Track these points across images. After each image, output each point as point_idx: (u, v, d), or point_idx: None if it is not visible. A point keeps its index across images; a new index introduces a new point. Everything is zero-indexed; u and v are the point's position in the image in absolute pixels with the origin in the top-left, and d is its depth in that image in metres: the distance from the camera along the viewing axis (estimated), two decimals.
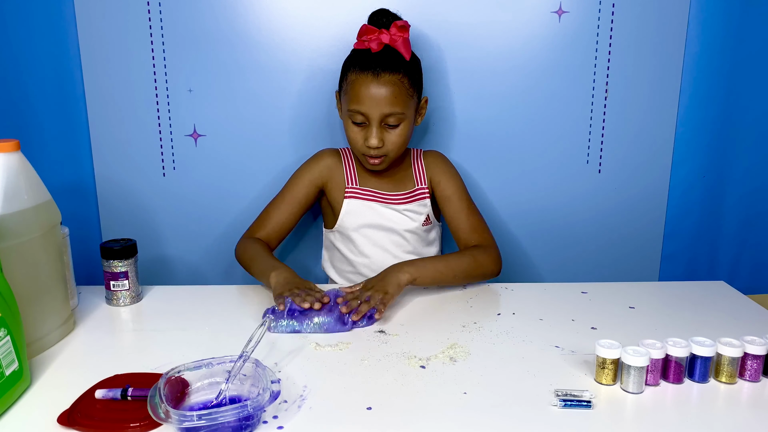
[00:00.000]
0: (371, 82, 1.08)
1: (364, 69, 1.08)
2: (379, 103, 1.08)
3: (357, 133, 1.12)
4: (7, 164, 0.81)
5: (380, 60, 1.08)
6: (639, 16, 1.25)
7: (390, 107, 1.08)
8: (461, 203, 1.20)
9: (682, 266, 1.40)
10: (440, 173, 1.22)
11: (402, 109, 1.09)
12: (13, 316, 0.73)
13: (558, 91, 1.30)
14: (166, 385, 0.69)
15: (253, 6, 1.25)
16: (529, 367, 0.81)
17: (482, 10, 1.25)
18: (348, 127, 1.14)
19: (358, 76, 1.09)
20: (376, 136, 1.10)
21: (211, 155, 1.33)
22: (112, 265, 1.01)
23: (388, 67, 1.08)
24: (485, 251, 1.14)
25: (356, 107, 1.09)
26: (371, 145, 1.10)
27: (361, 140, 1.12)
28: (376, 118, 1.09)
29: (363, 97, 1.08)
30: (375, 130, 1.10)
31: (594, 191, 1.36)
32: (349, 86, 1.11)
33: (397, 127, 1.11)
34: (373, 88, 1.07)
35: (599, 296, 1.06)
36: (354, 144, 1.14)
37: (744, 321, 0.96)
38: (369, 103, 1.08)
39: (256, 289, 1.10)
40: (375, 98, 1.08)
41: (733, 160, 1.34)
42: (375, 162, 1.14)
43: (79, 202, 1.34)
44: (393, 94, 1.08)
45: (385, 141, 1.11)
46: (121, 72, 1.27)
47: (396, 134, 1.12)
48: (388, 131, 1.11)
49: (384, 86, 1.07)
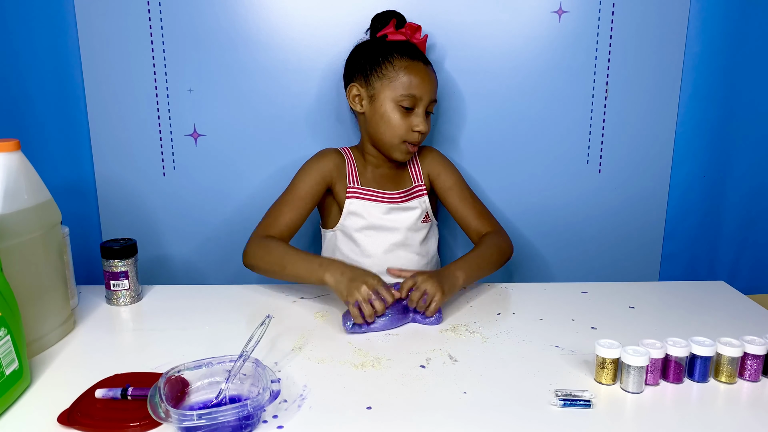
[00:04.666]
0: (423, 68, 1.13)
1: (413, 57, 1.13)
2: (431, 89, 1.14)
3: (403, 118, 1.13)
4: (7, 164, 0.81)
5: (420, 51, 1.16)
6: (639, 16, 1.25)
7: (435, 94, 1.15)
8: (464, 192, 1.23)
9: (682, 266, 1.40)
10: (438, 166, 1.24)
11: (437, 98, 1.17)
12: (13, 316, 0.73)
13: (558, 91, 1.30)
14: (166, 384, 0.69)
15: (254, 6, 1.25)
16: (529, 367, 0.81)
17: (482, 10, 1.25)
18: (391, 115, 1.13)
19: (411, 63, 1.13)
20: (425, 121, 1.14)
21: (211, 155, 1.33)
22: (112, 265, 1.01)
23: (425, 58, 1.16)
24: (501, 236, 1.18)
25: (410, 91, 1.12)
26: (421, 130, 1.13)
27: (406, 126, 1.13)
28: (425, 102, 1.13)
29: (417, 82, 1.12)
30: (422, 114, 1.14)
31: (594, 191, 1.36)
32: (399, 72, 1.12)
33: (429, 115, 1.17)
34: (426, 73, 1.13)
35: (599, 296, 1.06)
36: (397, 130, 1.13)
37: (744, 321, 0.96)
38: (424, 88, 1.12)
39: (256, 289, 1.10)
40: (428, 83, 1.13)
41: (733, 160, 1.34)
42: (413, 149, 1.17)
43: (79, 201, 1.34)
44: (436, 82, 1.16)
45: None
46: (121, 72, 1.27)
47: (430, 122, 1.18)
48: (426, 119, 1.16)
49: (431, 74, 1.15)
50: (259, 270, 1.08)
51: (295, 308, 1.02)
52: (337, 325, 0.95)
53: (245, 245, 1.10)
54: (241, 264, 1.10)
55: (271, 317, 0.79)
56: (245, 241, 1.11)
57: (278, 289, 1.10)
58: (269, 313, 0.80)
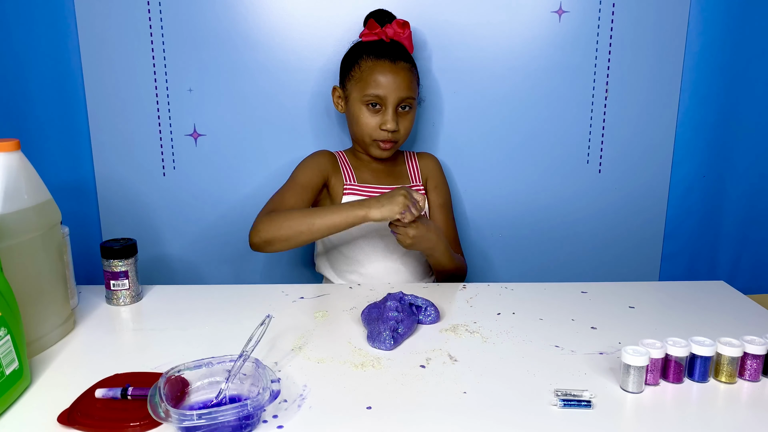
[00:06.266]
0: (389, 67, 1.13)
1: (380, 56, 1.14)
2: (397, 87, 1.13)
3: (370, 117, 1.16)
4: (7, 164, 0.81)
5: (393, 49, 1.14)
6: (639, 16, 1.25)
7: (406, 91, 1.14)
8: (449, 213, 1.27)
9: (682, 266, 1.40)
10: (437, 178, 1.26)
11: (413, 95, 1.16)
12: (13, 316, 0.73)
13: (558, 91, 1.30)
14: (166, 384, 0.69)
15: (254, 6, 1.25)
16: (529, 367, 0.81)
17: (482, 10, 1.25)
18: (360, 114, 1.16)
19: (376, 62, 1.14)
20: (392, 120, 1.14)
21: (211, 155, 1.33)
22: (112, 265, 1.01)
23: (401, 56, 1.15)
24: (464, 266, 1.24)
25: (374, 91, 1.13)
26: (388, 128, 1.14)
27: (374, 125, 1.15)
28: (393, 101, 1.14)
29: (381, 81, 1.13)
30: (391, 113, 1.14)
31: (594, 191, 1.36)
32: (365, 73, 1.14)
33: (408, 113, 1.17)
34: (391, 72, 1.13)
35: (599, 296, 1.06)
36: (366, 129, 1.16)
37: (744, 321, 0.96)
38: (388, 87, 1.13)
39: (256, 289, 1.10)
40: (393, 82, 1.13)
41: (733, 160, 1.34)
42: (387, 147, 1.17)
43: (79, 201, 1.34)
44: (408, 79, 1.15)
45: (398, 126, 1.15)
46: (121, 72, 1.27)
47: (408, 120, 1.17)
48: (401, 116, 1.16)
49: (401, 72, 1.14)
50: (277, 240, 1.05)
51: (295, 308, 1.02)
52: (338, 325, 0.95)
53: (251, 228, 1.07)
54: (242, 264, 1.10)
55: (271, 317, 0.79)
56: (245, 241, 1.10)
57: (278, 289, 1.10)
58: (269, 313, 0.80)
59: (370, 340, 0.87)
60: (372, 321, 0.90)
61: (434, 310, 0.95)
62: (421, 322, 0.94)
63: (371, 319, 0.91)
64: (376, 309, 0.92)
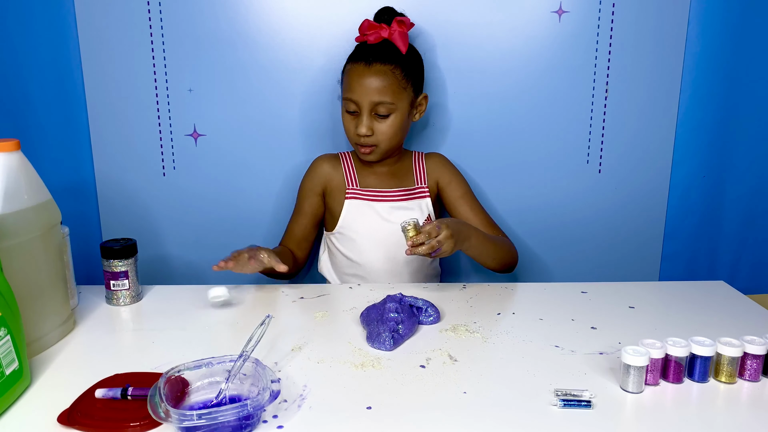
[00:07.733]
0: (363, 70, 1.12)
1: (357, 59, 1.13)
2: (368, 92, 1.12)
3: (350, 121, 1.16)
4: (7, 164, 0.81)
5: (374, 51, 1.13)
6: (639, 16, 1.25)
7: (379, 96, 1.12)
8: (473, 201, 1.25)
9: (682, 266, 1.40)
10: (448, 174, 1.25)
11: (392, 100, 1.12)
12: (13, 316, 0.73)
13: (558, 91, 1.30)
14: (166, 384, 0.69)
15: (254, 6, 1.25)
16: (529, 367, 0.81)
17: (482, 10, 1.25)
18: (343, 119, 1.18)
19: (353, 66, 1.14)
20: (365, 125, 1.13)
21: (211, 155, 1.33)
22: (112, 265, 1.01)
23: (381, 57, 1.12)
24: (511, 243, 1.22)
25: (348, 95, 1.14)
26: (360, 133, 1.14)
27: (352, 129, 1.16)
28: (366, 106, 1.13)
29: (354, 86, 1.12)
30: (365, 118, 1.13)
31: (594, 191, 1.36)
32: (345, 76, 1.16)
33: (388, 118, 1.14)
34: (364, 76, 1.12)
35: (599, 296, 1.06)
36: (348, 134, 1.18)
37: (744, 321, 0.96)
38: (359, 91, 1.12)
39: (257, 289, 1.10)
40: (365, 87, 1.12)
41: (733, 160, 1.34)
42: (365, 151, 1.17)
43: (79, 201, 1.34)
44: (383, 83, 1.11)
45: (374, 130, 1.14)
46: (121, 72, 1.27)
47: (386, 125, 1.14)
48: (378, 121, 1.14)
49: (374, 75, 1.11)
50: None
51: (295, 308, 1.02)
52: (338, 325, 0.95)
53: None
54: None
55: (271, 317, 0.79)
56: (246, 241, 1.11)
57: (278, 289, 1.10)
58: (269, 313, 0.80)
59: (370, 340, 0.87)
60: (371, 322, 0.90)
61: (435, 310, 0.95)
62: (422, 323, 0.94)
63: (370, 320, 0.91)
64: (375, 310, 0.92)
